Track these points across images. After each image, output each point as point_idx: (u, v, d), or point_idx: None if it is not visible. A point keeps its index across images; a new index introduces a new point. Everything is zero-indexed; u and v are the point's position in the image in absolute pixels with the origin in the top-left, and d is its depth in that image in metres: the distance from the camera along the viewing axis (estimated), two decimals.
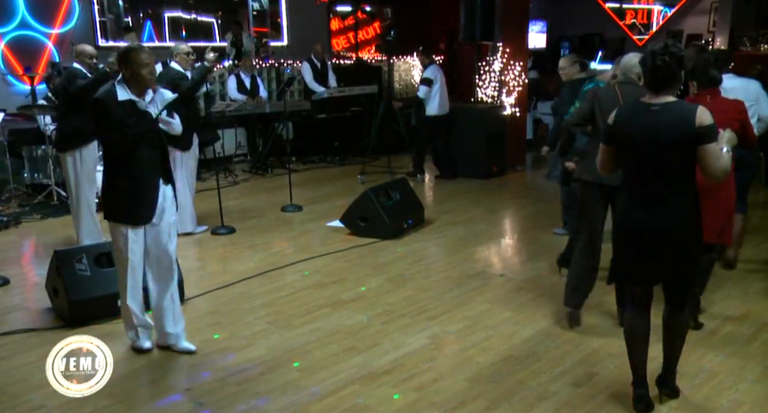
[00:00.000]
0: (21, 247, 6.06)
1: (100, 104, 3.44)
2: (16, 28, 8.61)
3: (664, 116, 2.82)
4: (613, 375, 3.48)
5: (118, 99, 3.44)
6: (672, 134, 2.80)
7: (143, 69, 3.45)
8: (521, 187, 8.48)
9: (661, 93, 2.88)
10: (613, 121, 2.97)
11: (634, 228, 2.96)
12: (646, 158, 2.87)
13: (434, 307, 4.44)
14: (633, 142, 2.89)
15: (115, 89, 3.47)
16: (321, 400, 3.27)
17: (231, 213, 6.72)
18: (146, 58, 3.47)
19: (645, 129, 2.85)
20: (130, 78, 3.46)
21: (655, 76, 2.86)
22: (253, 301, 4.59)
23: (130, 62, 3.44)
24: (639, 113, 2.90)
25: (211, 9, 11.35)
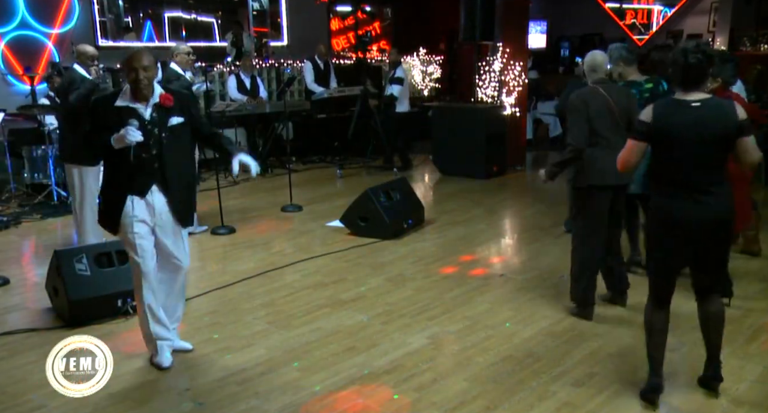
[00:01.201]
0: (21, 247, 6.06)
1: (92, 107, 3.46)
2: (16, 28, 8.61)
3: (707, 112, 2.96)
4: (612, 375, 3.48)
5: (114, 104, 3.37)
6: (716, 128, 2.94)
7: (129, 74, 3.31)
8: (521, 187, 8.49)
9: (694, 90, 2.99)
10: (652, 119, 3.01)
11: (676, 220, 3.04)
12: (689, 152, 2.97)
13: (434, 307, 4.44)
14: (675, 137, 2.98)
15: (117, 94, 3.41)
16: (321, 400, 3.27)
17: (231, 213, 6.72)
18: (133, 63, 3.30)
19: (689, 125, 2.95)
20: (130, 83, 3.35)
21: (688, 74, 2.96)
22: (253, 301, 4.59)
23: (124, 68, 3.36)
24: (679, 110, 2.99)
25: (211, 9, 11.36)
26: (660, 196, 3.11)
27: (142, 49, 3.49)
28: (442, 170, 9.03)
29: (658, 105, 3.07)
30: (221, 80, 10.02)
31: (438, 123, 9.19)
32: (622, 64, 4.65)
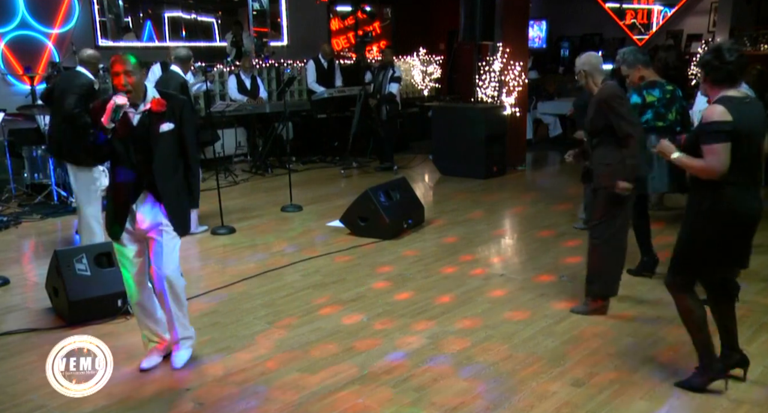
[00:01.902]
0: (21, 247, 6.06)
1: (92, 109, 3.37)
2: (16, 28, 8.61)
3: (757, 107, 3.11)
4: (612, 375, 3.48)
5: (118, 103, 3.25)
6: (765, 122, 3.10)
7: (114, 77, 3.26)
8: (521, 187, 8.48)
9: (738, 86, 3.08)
10: (733, 118, 2.98)
11: (751, 216, 3.09)
12: (755, 147, 3.07)
13: (434, 307, 4.44)
14: (747, 133, 3.00)
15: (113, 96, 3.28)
16: (321, 400, 3.27)
17: (231, 213, 6.73)
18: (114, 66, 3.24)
19: (756, 119, 3.05)
20: (114, 87, 3.30)
21: (733, 71, 3.04)
22: (253, 301, 4.59)
23: (110, 71, 3.31)
24: (743, 106, 3.02)
25: (211, 9, 11.36)
26: (732, 195, 3.05)
27: (125, 53, 3.37)
28: (442, 170, 9.03)
29: (725, 102, 3.02)
30: (221, 80, 10.02)
31: (438, 123, 9.18)
32: (641, 67, 4.66)
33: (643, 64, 4.68)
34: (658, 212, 6.51)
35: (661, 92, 4.65)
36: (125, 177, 3.36)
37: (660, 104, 4.65)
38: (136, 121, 3.31)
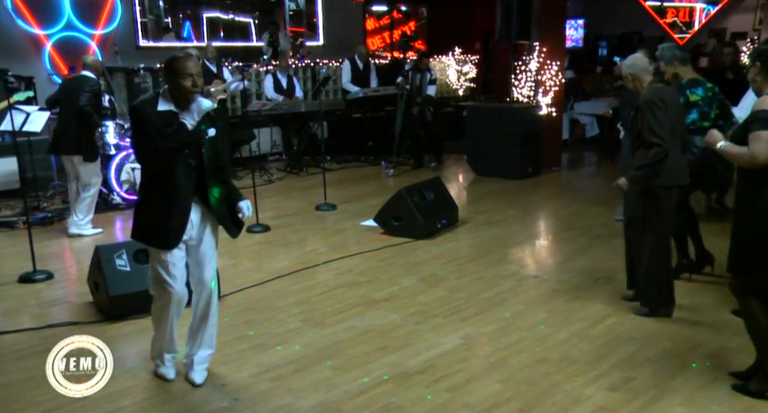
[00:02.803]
0: (64, 242, 6.22)
1: (136, 111, 3.16)
2: (62, 30, 8.85)
3: None
4: (650, 380, 3.42)
5: (157, 108, 3.16)
6: None
7: (184, 80, 3.13)
8: (557, 188, 8.39)
9: None
10: None
11: None
12: None
13: (467, 308, 4.43)
14: None
15: (157, 99, 3.19)
16: (353, 399, 3.29)
17: (266, 211, 6.80)
18: (189, 68, 3.13)
19: None
20: (173, 89, 3.17)
21: None
22: (287, 299, 4.64)
23: (171, 71, 3.15)
24: None
25: (249, 9, 11.50)
26: None
27: (191, 54, 3.29)
28: (476, 170, 8.98)
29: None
30: (258, 80, 10.14)
31: (473, 123, 9.14)
32: (677, 64, 4.57)
33: (680, 62, 4.59)
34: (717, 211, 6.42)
35: (704, 91, 4.57)
36: (182, 184, 3.20)
37: (704, 103, 4.57)
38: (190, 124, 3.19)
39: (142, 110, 3.14)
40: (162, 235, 3.22)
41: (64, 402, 3.25)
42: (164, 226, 3.21)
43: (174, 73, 3.14)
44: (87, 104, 5.88)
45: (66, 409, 3.20)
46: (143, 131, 3.13)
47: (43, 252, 5.49)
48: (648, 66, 4.10)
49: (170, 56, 3.25)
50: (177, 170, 3.19)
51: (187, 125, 3.15)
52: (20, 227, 6.29)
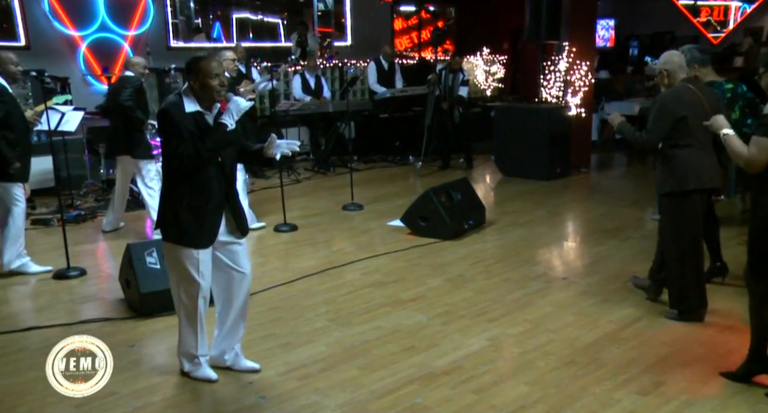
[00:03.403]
0: (96, 240, 6.34)
1: (167, 114, 3.13)
2: (96, 31, 9.03)
3: None
4: (681, 385, 3.36)
5: (186, 110, 3.16)
6: None
7: (212, 80, 3.15)
8: (585, 189, 8.29)
9: None
10: None
11: None
12: None
13: (495, 309, 4.40)
14: None
15: (182, 100, 3.18)
16: (380, 398, 3.29)
17: (293, 211, 6.84)
18: (216, 68, 3.16)
19: None
20: (199, 89, 3.18)
21: None
22: (313, 298, 4.66)
23: (198, 72, 3.16)
24: None
25: (277, 10, 11.59)
26: None
27: (214, 54, 3.32)
28: (504, 170, 8.93)
29: None
30: (286, 80, 10.21)
31: (500, 123, 9.09)
32: (696, 66, 4.48)
33: (700, 64, 4.50)
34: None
35: (721, 93, 4.47)
36: (215, 182, 3.24)
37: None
38: (212, 122, 3.23)
39: (174, 113, 3.13)
40: (198, 235, 3.24)
41: (96, 397, 3.31)
42: (200, 226, 3.23)
43: (201, 73, 3.15)
44: (128, 100, 5.82)
45: (96, 404, 3.25)
46: (179, 135, 3.12)
47: (77, 249, 5.60)
48: (684, 64, 4.06)
49: (194, 57, 3.25)
50: (210, 171, 3.22)
51: (227, 125, 3.17)
52: (55, 224, 6.42)
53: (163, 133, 3.22)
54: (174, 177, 3.26)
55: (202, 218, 3.23)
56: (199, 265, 3.27)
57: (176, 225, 3.24)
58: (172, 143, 3.15)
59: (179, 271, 3.31)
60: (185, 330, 3.44)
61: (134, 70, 6.08)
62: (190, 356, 3.49)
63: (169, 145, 3.17)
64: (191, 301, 3.35)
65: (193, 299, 3.34)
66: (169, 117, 3.13)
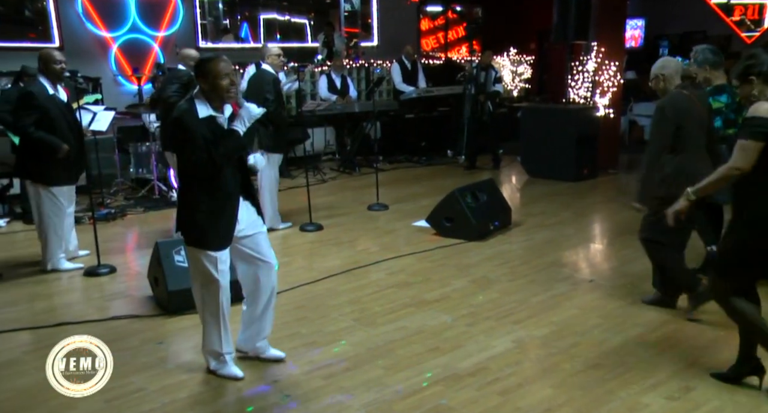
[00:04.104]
0: (126, 238, 6.45)
1: (180, 122, 3.17)
2: (127, 32, 9.18)
3: None
4: (711, 390, 3.30)
5: (199, 116, 3.18)
6: None
7: (222, 80, 3.18)
8: (613, 191, 8.19)
9: None
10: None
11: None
12: None
13: (520, 311, 4.37)
14: None
15: (194, 105, 3.20)
16: (404, 399, 3.29)
17: (319, 210, 6.88)
18: (225, 68, 3.18)
19: None
20: (210, 91, 3.21)
21: None
22: (338, 298, 4.68)
23: (208, 74, 3.18)
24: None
25: (304, 10, 11.66)
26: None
27: (217, 54, 3.33)
28: (530, 171, 8.87)
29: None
30: (312, 80, 10.27)
31: (527, 124, 9.03)
32: (708, 68, 4.42)
33: (712, 66, 4.42)
34: None
35: (729, 97, 4.39)
36: (230, 184, 3.30)
37: (729, 110, 4.39)
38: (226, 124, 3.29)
39: (188, 121, 3.16)
40: (217, 237, 3.30)
41: (124, 393, 3.38)
42: (217, 227, 3.29)
43: (211, 74, 3.18)
44: (173, 95, 5.64)
45: (125, 399, 3.31)
46: (192, 143, 3.14)
47: (107, 247, 5.69)
48: (680, 70, 4.08)
49: (202, 58, 3.30)
50: (226, 172, 3.27)
51: (239, 132, 3.23)
52: (86, 222, 6.54)
53: (176, 140, 3.27)
54: (190, 182, 3.30)
55: (219, 220, 3.28)
56: (217, 264, 3.33)
57: (195, 229, 3.30)
58: (186, 151, 3.19)
59: (201, 271, 3.37)
60: (209, 328, 3.48)
61: (185, 63, 5.87)
62: (215, 354, 3.53)
63: (184, 153, 3.22)
64: (213, 300, 3.40)
65: (215, 297, 3.39)
66: (183, 125, 3.16)
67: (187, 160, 3.21)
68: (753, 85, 3.00)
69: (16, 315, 4.46)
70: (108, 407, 3.25)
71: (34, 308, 4.62)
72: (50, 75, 5.03)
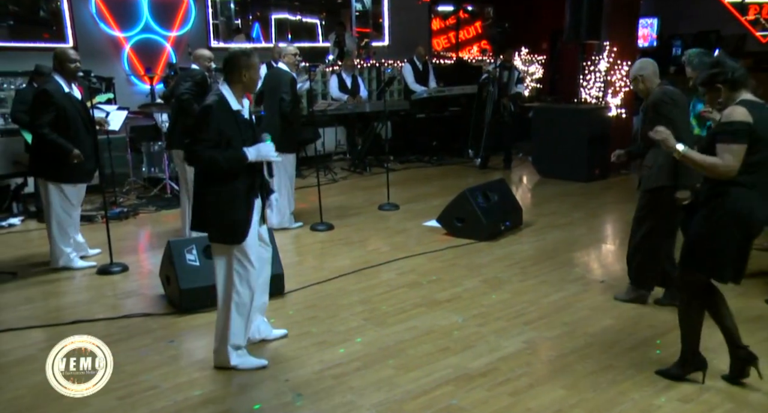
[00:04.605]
0: (138, 237, 6.49)
1: (207, 115, 3.28)
2: (140, 32, 9.23)
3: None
4: (726, 393, 3.28)
5: (233, 108, 3.35)
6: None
7: (256, 74, 3.40)
8: (625, 191, 8.13)
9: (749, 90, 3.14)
10: (754, 121, 3.01)
11: (760, 223, 3.14)
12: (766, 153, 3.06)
13: (531, 311, 4.36)
14: (765, 138, 3.03)
15: (225, 99, 3.33)
16: (415, 399, 3.29)
17: (329, 210, 6.89)
18: (256, 60, 3.39)
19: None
20: (242, 83, 3.36)
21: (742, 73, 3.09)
22: (349, 297, 4.68)
23: (249, 66, 3.35)
24: (764, 112, 3.06)
25: (316, 10, 11.67)
26: (749, 200, 3.07)
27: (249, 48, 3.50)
28: (542, 171, 8.84)
29: (746, 104, 3.05)
30: (323, 80, 10.28)
31: (539, 124, 9.01)
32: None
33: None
34: None
35: None
36: (250, 178, 3.42)
37: None
38: (247, 114, 3.48)
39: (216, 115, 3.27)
40: (243, 229, 3.39)
41: (137, 390, 3.40)
42: (243, 220, 3.39)
43: (252, 68, 3.36)
44: (185, 93, 5.57)
45: (138, 397, 3.34)
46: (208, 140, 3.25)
47: (120, 245, 5.73)
48: (657, 71, 4.20)
49: (240, 52, 3.38)
50: (247, 167, 3.40)
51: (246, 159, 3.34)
52: (99, 221, 6.59)
53: (195, 129, 3.32)
54: (212, 179, 3.36)
55: (243, 212, 3.38)
56: (249, 253, 3.44)
57: (222, 224, 3.38)
58: (198, 144, 3.28)
59: (232, 264, 3.44)
60: (236, 321, 3.52)
61: (199, 63, 5.83)
62: (238, 347, 3.59)
63: (196, 143, 3.29)
64: (245, 289, 3.50)
65: (246, 287, 3.50)
66: (208, 119, 3.26)
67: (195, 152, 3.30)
68: (720, 92, 3.12)
69: (30, 312, 4.50)
70: (121, 404, 3.27)
71: (48, 306, 4.66)
72: (65, 74, 5.08)
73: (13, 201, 7.17)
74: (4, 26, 8.43)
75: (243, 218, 3.39)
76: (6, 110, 7.55)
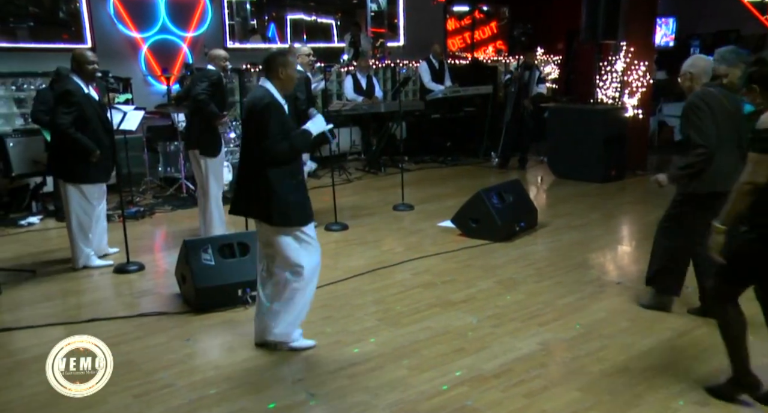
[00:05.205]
0: (154, 236, 6.54)
1: (270, 111, 3.51)
2: (157, 33, 9.30)
3: None
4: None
5: (281, 102, 3.60)
6: None
7: (294, 72, 3.67)
8: (642, 192, 8.07)
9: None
10: None
11: None
12: None
13: (546, 312, 4.34)
14: None
15: (274, 95, 3.57)
16: (429, 399, 3.29)
17: (344, 210, 6.89)
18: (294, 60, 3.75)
19: None
20: (284, 81, 3.61)
21: None
22: (363, 297, 4.69)
23: (290, 65, 3.62)
24: None
25: (331, 11, 11.70)
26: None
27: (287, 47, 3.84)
28: (557, 172, 8.79)
29: None
30: (338, 80, 10.30)
31: (554, 124, 8.96)
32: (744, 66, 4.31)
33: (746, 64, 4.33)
34: None
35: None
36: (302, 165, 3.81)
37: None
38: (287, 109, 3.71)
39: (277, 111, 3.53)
40: (309, 210, 3.70)
41: (153, 389, 3.43)
42: (306, 204, 3.69)
43: (291, 66, 3.63)
44: (202, 93, 5.59)
45: (154, 395, 3.36)
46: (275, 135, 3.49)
47: (136, 245, 5.78)
48: (710, 70, 3.96)
49: (280, 51, 3.77)
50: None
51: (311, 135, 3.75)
52: (116, 220, 6.65)
53: (261, 126, 3.51)
54: (272, 169, 3.54)
55: (304, 196, 3.69)
56: (310, 233, 3.70)
57: (288, 210, 3.57)
58: (267, 140, 3.49)
59: (296, 248, 3.64)
60: (300, 302, 3.73)
61: (215, 63, 5.86)
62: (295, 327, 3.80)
63: (266, 140, 3.49)
64: (311, 266, 3.72)
65: (312, 264, 3.72)
66: (272, 115, 3.50)
67: (266, 149, 3.49)
68: (755, 93, 2.91)
69: (49, 310, 4.55)
70: (137, 402, 3.30)
71: (66, 304, 4.71)
72: (83, 75, 5.14)
73: (32, 200, 7.27)
74: (24, 27, 8.53)
75: (302, 201, 3.66)
76: (26, 109, 7.65)
